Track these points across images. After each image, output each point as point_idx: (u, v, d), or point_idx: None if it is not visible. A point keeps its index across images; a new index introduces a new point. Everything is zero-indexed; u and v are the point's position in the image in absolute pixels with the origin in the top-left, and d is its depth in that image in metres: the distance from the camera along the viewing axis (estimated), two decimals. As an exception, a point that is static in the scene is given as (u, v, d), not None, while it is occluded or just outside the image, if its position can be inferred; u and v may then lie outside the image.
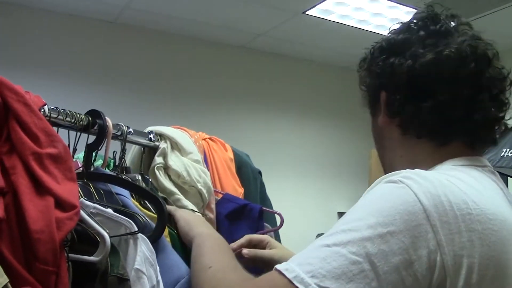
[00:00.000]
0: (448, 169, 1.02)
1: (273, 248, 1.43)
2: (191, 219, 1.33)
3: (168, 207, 1.33)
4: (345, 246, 0.85)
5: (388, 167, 1.19)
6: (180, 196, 1.49)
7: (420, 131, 1.09)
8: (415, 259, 0.84)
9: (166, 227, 1.28)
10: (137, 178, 1.44)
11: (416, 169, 0.96)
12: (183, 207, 1.46)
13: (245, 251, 1.38)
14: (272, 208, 1.91)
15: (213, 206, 1.57)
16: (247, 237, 1.44)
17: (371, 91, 1.17)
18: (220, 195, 1.64)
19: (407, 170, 0.95)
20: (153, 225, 1.23)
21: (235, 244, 1.40)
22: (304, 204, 5.75)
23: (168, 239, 1.28)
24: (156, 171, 1.50)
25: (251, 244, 1.42)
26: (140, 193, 1.36)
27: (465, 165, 1.04)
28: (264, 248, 1.43)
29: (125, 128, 1.42)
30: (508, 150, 3.24)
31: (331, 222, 4.56)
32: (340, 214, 6.01)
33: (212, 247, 1.18)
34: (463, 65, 1.04)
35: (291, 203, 5.44)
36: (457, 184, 0.93)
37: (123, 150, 1.45)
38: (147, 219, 1.23)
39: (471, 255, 0.86)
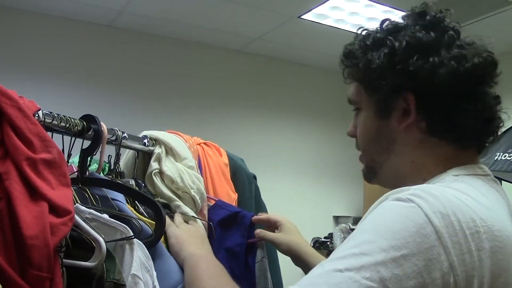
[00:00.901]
0: (452, 180, 1.00)
1: (282, 231, 1.53)
2: (183, 236, 1.29)
3: (167, 221, 1.30)
4: (358, 271, 0.82)
5: (390, 175, 1.15)
6: (179, 202, 1.48)
7: (451, 133, 1.06)
8: (429, 282, 0.82)
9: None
10: (130, 183, 1.44)
11: (423, 185, 0.95)
12: (183, 213, 1.45)
13: (257, 231, 1.51)
14: (267, 212, 1.91)
15: (205, 212, 1.57)
16: (267, 215, 1.59)
17: (385, 92, 1.09)
18: (213, 202, 1.63)
19: (415, 186, 0.93)
20: (148, 230, 1.23)
21: (256, 217, 1.55)
22: (300, 208, 5.74)
23: (164, 244, 1.28)
24: (154, 177, 1.50)
25: (269, 222, 1.57)
26: (138, 198, 1.35)
27: (469, 175, 1.03)
28: (276, 228, 1.56)
29: (119, 133, 1.42)
30: (501, 153, 3.26)
31: (327, 226, 4.59)
32: (336, 218, 6.02)
33: (207, 269, 1.17)
34: (496, 67, 1.06)
35: (286, 207, 5.43)
36: (465, 200, 0.91)
37: (118, 155, 1.45)
38: (143, 224, 1.22)
39: (481, 275, 0.85)
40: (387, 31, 1.12)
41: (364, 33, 1.17)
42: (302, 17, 4.64)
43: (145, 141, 1.54)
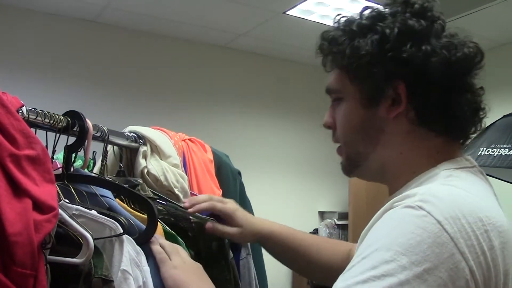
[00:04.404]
0: (446, 176, 0.98)
1: (235, 226, 1.41)
2: (180, 277, 1.18)
3: (158, 257, 1.21)
4: None
5: (377, 167, 1.11)
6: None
7: (441, 125, 1.03)
8: None
9: (160, 226, 1.28)
10: (139, 181, 1.44)
11: (427, 188, 0.93)
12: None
13: (209, 225, 1.37)
14: (251, 208, 1.91)
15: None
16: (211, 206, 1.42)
17: (374, 80, 1.05)
18: (197, 198, 1.63)
19: (421, 190, 0.91)
20: (143, 226, 1.22)
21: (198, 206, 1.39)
22: (285, 204, 5.76)
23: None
24: (146, 176, 1.50)
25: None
26: (127, 195, 1.35)
27: (460, 168, 1.01)
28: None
29: (104, 129, 1.42)
30: (485, 148, 3.28)
31: (312, 222, 4.60)
32: (321, 214, 6.03)
33: None
34: (483, 58, 1.05)
35: (271, 203, 5.45)
36: (468, 199, 0.90)
37: (106, 152, 1.45)
38: (135, 220, 1.22)
39: (496, 274, 0.85)
40: (373, 18, 1.08)
41: (343, 19, 1.14)
42: (287, 13, 4.64)
43: (133, 135, 1.55)
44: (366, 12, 1.11)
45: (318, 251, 1.46)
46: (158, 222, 1.25)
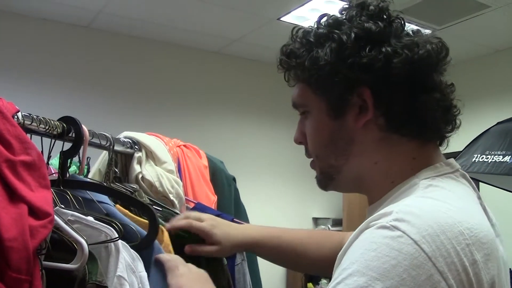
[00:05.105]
0: (425, 186, 0.95)
1: (214, 244, 1.37)
2: (184, 285, 1.17)
3: (167, 264, 1.20)
4: None
5: (351, 178, 1.07)
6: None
7: (412, 128, 0.99)
8: None
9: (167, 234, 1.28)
10: (135, 187, 1.45)
11: (403, 204, 0.89)
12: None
13: (187, 248, 1.34)
14: (246, 214, 1.92)
15: (183, 215, 1.58)
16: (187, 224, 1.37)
17: (337, 89, 1.01)
18: (192, 204, 1.63)
19: (398, 208, 0.87)
20: (144, 232, 1.22)
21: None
22: (279, 210, 5.76)
23: (170, 247, 1.27)
24: (141, 182, 1.51)
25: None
26: (124, 200, 1.34)
27: (440, 175, 0.98)
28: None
29: (109, 136, 1.44)
30: (479, 155, 3.28)
31: (306, 228, 4.58)
32: (315, 220, 6.03)
33: None
34: (447, 54, 1.02)
35: (265, 209, 5.45)
36: (447, 211, 0.87)
37: (111, 159, 1.46)
38: (136, 226, 1.22)
39: None
40: (330, 26, 1.03)
41: (300, 31, 1.10)
42: (281, 19, 4.65)
43: (129, 141, 1.55)
44: (323, 21, 1.07)
45: (305, 249, 1.45)
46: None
